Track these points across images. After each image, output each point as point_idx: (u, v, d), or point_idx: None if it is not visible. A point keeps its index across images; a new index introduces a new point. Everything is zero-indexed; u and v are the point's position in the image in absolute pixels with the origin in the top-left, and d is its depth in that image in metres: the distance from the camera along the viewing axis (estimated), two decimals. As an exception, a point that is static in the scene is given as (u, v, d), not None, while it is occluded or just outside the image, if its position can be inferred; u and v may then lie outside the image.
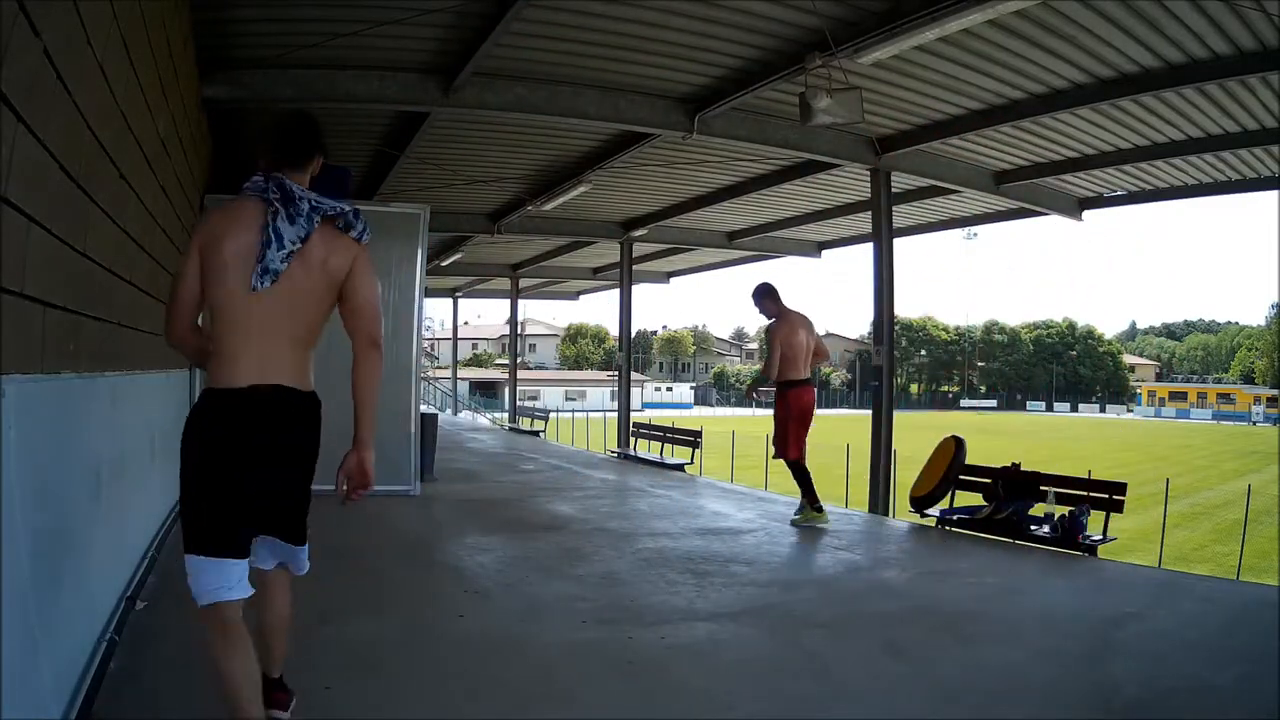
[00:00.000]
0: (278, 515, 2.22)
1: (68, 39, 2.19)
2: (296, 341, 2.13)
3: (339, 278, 2.16)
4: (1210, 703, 2.82)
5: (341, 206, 2.16)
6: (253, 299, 2.04)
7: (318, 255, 2.11)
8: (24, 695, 1.87)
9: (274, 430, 2.10)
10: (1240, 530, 10.04)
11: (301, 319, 2.13)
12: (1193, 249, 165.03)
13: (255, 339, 2.06)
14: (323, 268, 2.12)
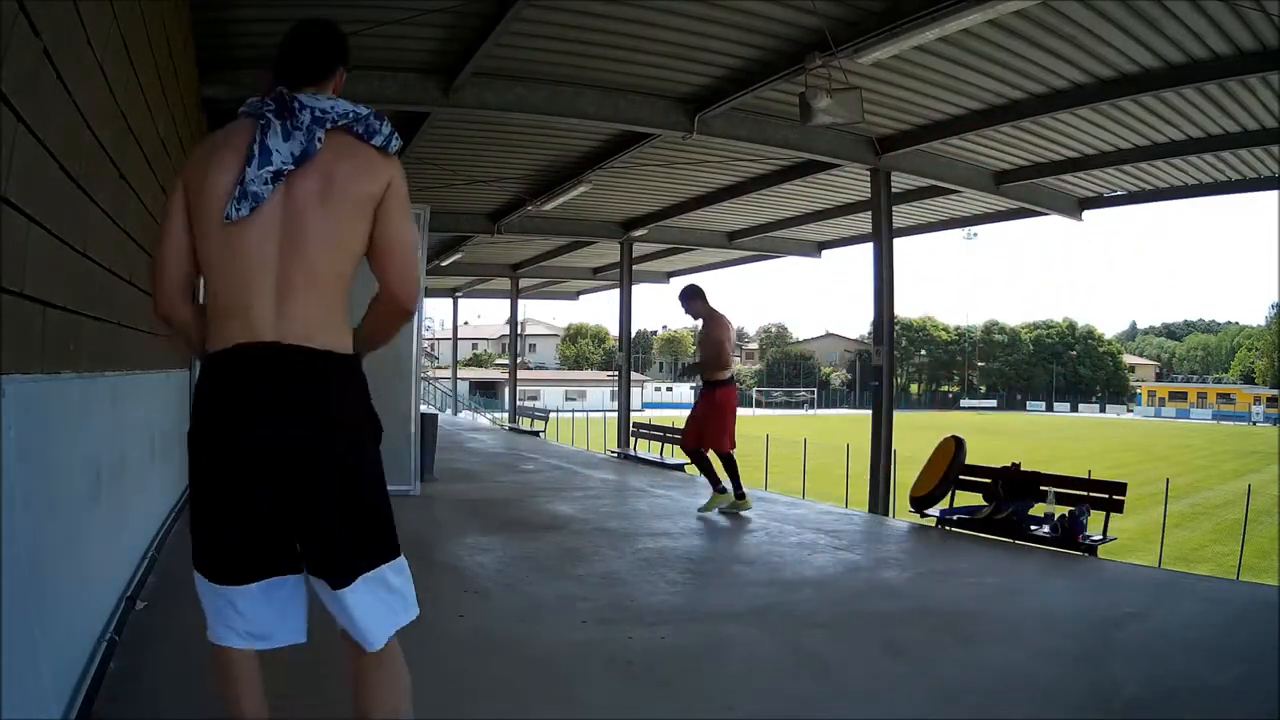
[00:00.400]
0: (304, 535, 1.64)
1: (68, 39, 2.19)
2: (310, 288, 1.59)
3: (368, 204, 1.63)
4: (1210, 703, 2.81)
5: (358, 110, 1.66)
6: (233, 233, 1.57)
7: (335, 176, 1.61)
8: (24, 695, 1.87)
9: (276, 404, 1.56)
10: (1240, 530, 10.05)
11: (313, 258, 1.60)
12: (1193, 249, 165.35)
13: (249, 285, 1.57)
14: (342, 192, 1.61)
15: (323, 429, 1.60)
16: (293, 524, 1.64)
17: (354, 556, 1.68)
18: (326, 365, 1.61)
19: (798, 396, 64.24)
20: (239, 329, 1.58)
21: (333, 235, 1.62)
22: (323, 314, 1.62)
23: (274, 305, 1.58)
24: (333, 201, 1.61)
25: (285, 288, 1.59)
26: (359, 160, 1.65)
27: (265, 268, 1.58)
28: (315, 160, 1.61)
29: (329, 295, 1.63)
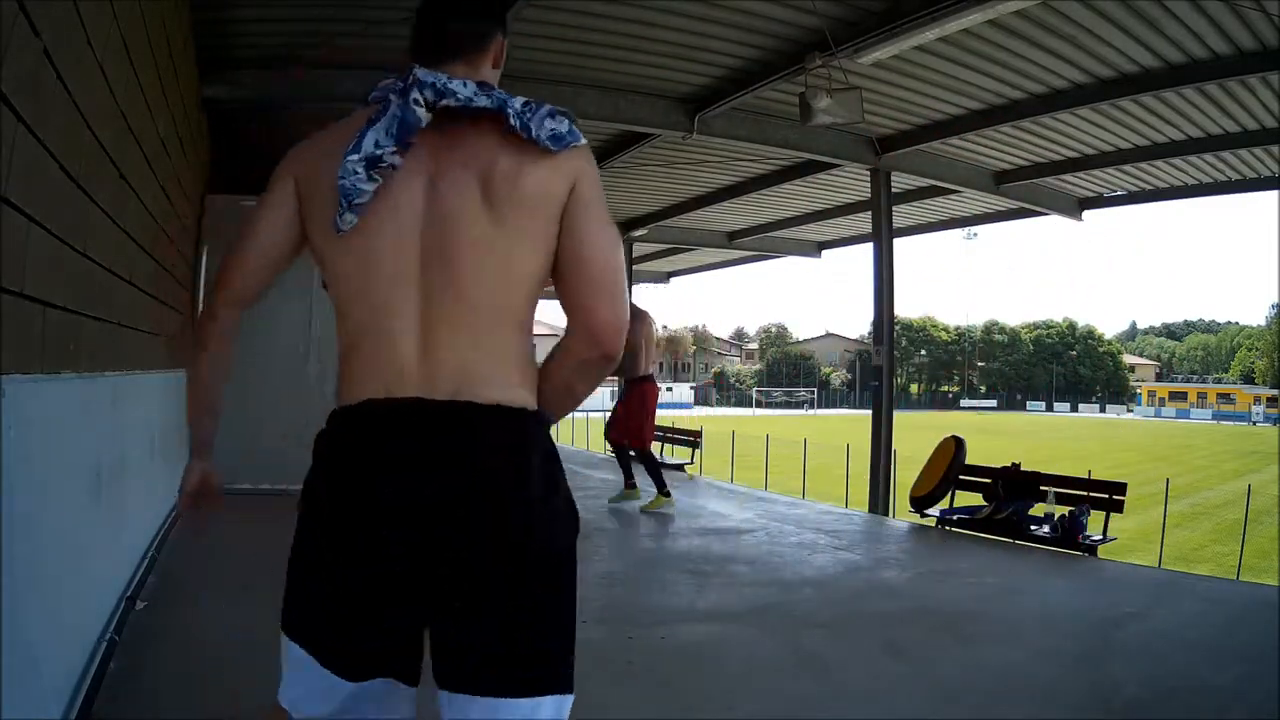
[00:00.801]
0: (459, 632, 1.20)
1: (68, 39, 2.19)
2: (468, 323, 1.17)
3: (545, 208, 1.19)
4: (1210, 703, 2.81)
5: (505, 97, 1.26)
6: (355, 247, 1.19)
7: (497, 171, 1.19)
8: (24, 695, 1.87)
9: (418, 484, 1.14)
10: (1240, 530, 10.04)
11: (470, 284, 1.17)
12: (1193, 249, 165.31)
13: (381, 320, 1.19)
14: (507, 192, 1.18)
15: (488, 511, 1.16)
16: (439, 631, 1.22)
17: (532, 668, 1.29)
18: (493, 425, 1.16)
19: (798, 396, 64.25)
20: (374, 377, 1.18)
21: (496, 252, 1.18)
22: (487, 356, 1.18)
23: (418, 347, 1.17)
24: (496, 205, 1.18)
25: (433, 322, 1.17)
26: (531, 152, 1.21)
27: (403, 294, 1.17)
28: (470, 146, 1.21)
29: (496, 331, 1.19)
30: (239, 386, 5.79)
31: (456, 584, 1.17)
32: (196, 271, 6.34)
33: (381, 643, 1.23)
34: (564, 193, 1.21)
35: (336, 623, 1.26)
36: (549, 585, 1.31)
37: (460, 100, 1.21)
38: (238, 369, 5.01)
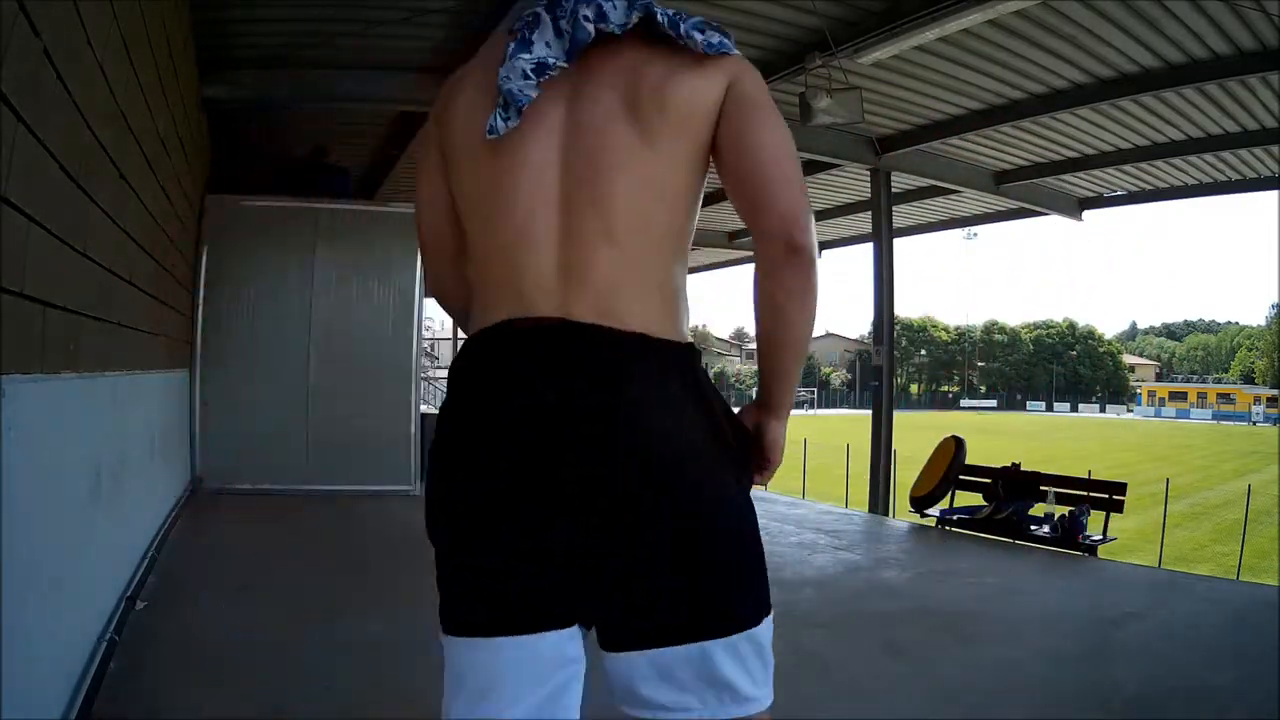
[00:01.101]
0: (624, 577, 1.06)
1: (68, 39, 2.19)
2: (611, 241, 1.08)
3: (698, 117, 1.10)
4: (1210, 703, 2.81)
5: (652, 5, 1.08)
6: (496, 166, 1.11)
7: (645, 79, 1.08)
8: (24, 695, 1.87)
9: (563, 411, 1.03)
10: (1240, 530, 10.04)
11: (613, 199, 1.08)
12: (1193, 249, 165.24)
13: (520, 238, 1.09)
14: (655, 99, 1.08)
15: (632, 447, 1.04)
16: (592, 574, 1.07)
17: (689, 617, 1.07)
18: (636, 354, 1.06)
19: (798, 397, 64.20)
20: (508, 299, 1.09)
21: (643, 168, 1.09)
22: (633, 279, 1.08)
23: (557, 266, 1.07)
24: (642, 114, 1.08)
25: (574, 241, 1.08)
26: (680, 58, 1.09)
27: (542, 213, 1.09)
28: (611, 63, 1.09)
29: (643, 253, 1.10)
30: (239, 386, 5.84)
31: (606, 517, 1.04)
32: (196, 271, 6.34)
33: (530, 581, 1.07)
34: (718, 99, 1.10)
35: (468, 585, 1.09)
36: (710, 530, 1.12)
37: (614, 27, 1.07)
38: (237, 369, 5.11)
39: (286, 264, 6.67)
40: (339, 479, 6.57)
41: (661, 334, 1.08)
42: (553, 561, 1.06)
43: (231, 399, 6.41)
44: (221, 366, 6.43)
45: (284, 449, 6.53)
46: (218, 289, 6.47)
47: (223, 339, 6.46)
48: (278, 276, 6.65)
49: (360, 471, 6.65)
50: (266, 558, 4.61)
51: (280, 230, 6.70)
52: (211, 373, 6.39)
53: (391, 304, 6.84)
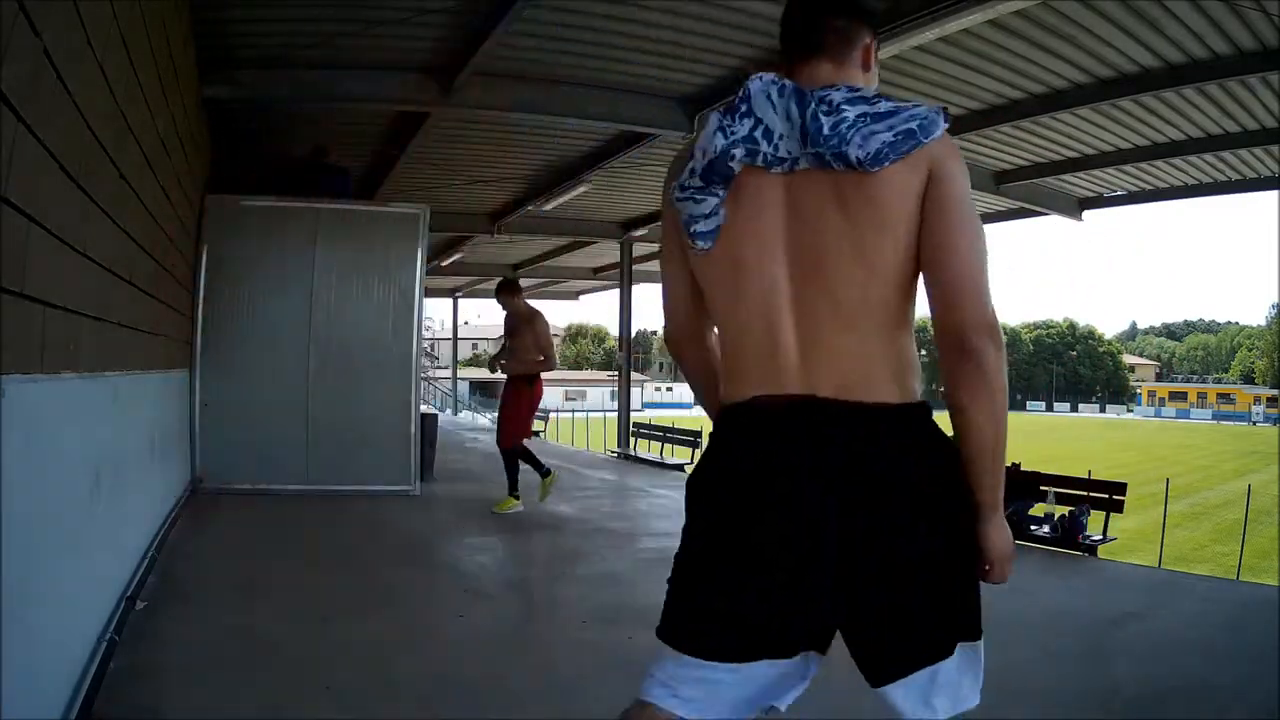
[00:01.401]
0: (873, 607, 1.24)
1: (68, 39, 2.19)
2: (845, 321, 1.23)
3: (902, 206, 1.22)
4: (1210, 703, 2.82)
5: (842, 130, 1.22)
6: (722, 255, 1.27)
7: (851, 175, 1.21)
8: (24, 695, 1.87)
9: (812, 471, 1.20)
10: (1240, 530, 10.04)
11: (834, 283, 1.22)
12: (1193, 249, 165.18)
13: (759, 322, 1.26)
14: (861, 194, 1.21)
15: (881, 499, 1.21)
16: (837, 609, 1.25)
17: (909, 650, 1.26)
18: (877, 422, 1.22)
19: (798, 396, 64.14)
20: (756, 377, 1.26)
21: (859, 253, 1.21)
22: (864, 354, 1.23)
23: (797, 348, 1.23)
24: (849, 206, 1.21)
25: (809, 325, 1.23)
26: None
27: (777, 303, 1.24)
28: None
29: (871, 330, 1.23)
30: (239, 387, 5.85)
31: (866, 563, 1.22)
32: (196, 271, 6.34)
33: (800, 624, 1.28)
34: (919, 189, 1.22)
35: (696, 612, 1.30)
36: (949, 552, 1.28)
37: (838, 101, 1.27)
38: (237, 369, 5.12)
39: (286, 264, 6.66)
40: (339, 479, 6.57)
41: (895, 399, 1.24)
42: (802, 599, 1.24)
43: (231, 399, 6.41)
44: (221, 366, 6.42)
45: (284, 449, 6.53)
46: (218, 289, 6.46)
47: (223, 339, 6.46)
48: (278, 277, 6.65)
49: (360, 471, 6.65)
50: (266, 558, 4.61)
51: (280, 230, 6.70)
52: (211, 373, 6.39)
53: (392, 304, 6.84)
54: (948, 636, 1.27)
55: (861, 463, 1.20)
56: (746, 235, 1.26)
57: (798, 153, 1.24)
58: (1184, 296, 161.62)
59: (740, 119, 1.26)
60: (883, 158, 1.20)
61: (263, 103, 6.47)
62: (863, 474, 1.20)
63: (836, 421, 1.21)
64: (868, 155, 1.20)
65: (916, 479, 1.23)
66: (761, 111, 1.25)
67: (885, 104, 1.27)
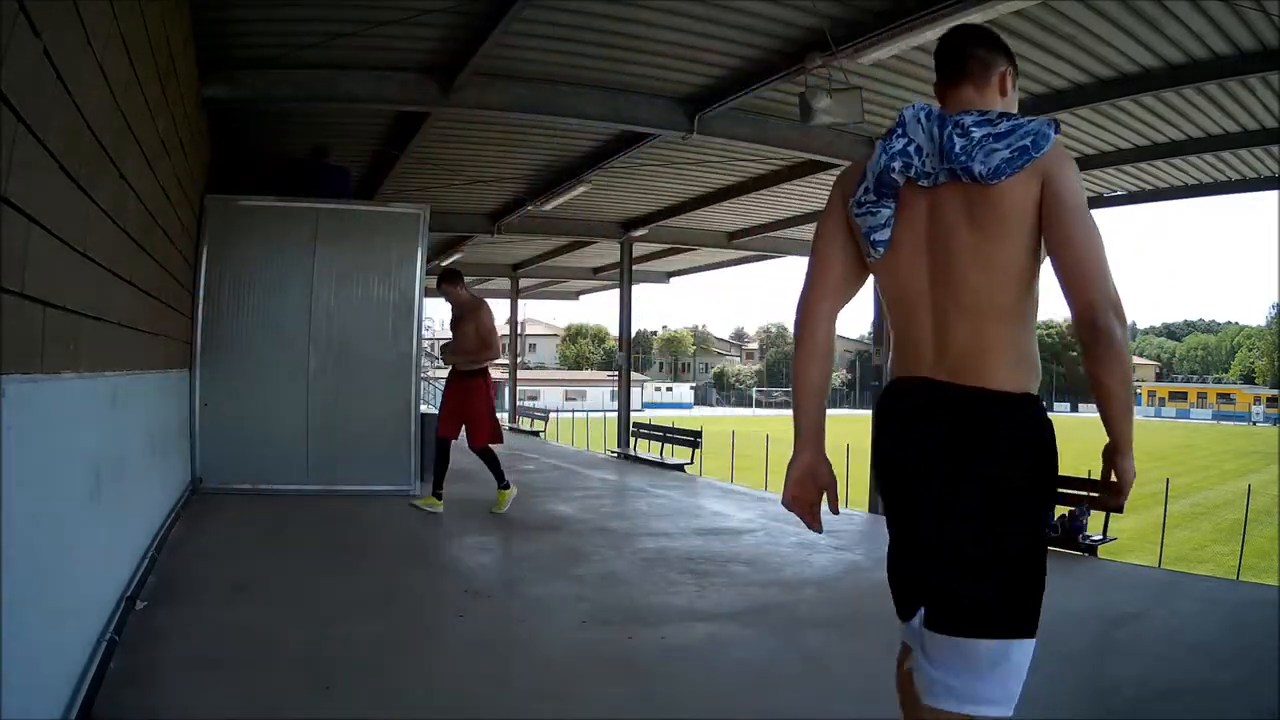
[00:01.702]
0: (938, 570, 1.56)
1: (67, 39, 2.19)
2: (966, 317, 1.51)
3: (1022, 216, 1.47)
4: (1210, 703, 2.82)
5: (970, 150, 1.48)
6: (885, 262, 1.60)
7: (976, 190, 1.49)
8: (24, 695, 1.87)
9: (930, 442, 1.52)
10: (1240, 530, 10.04)
11: (967, 290, 1.50)
12: (1193, 249, 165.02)
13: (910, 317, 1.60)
14: (986, 206, 1.48)
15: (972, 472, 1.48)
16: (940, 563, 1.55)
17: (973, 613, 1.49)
18: (979, 404, 1.48)
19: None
20: (904, 363, 1.61)
21: (981, 259, 1.48)
22: (979, 347, 1.49)
23: (933, 341, 1.54)
24: (978, 220, 1.48)
25: (941, 323, 1.53)
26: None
27: (921, 302, 1.55)
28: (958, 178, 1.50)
29: (986, 326, 1.50)
30: (239, 387, 5.87)
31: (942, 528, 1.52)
32: (196, 272, 6.34)
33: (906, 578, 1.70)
34: (1036, 197, 1.48)
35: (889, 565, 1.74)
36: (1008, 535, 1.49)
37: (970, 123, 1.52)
38: (237, 369, 5.14)
39: (286, 264, 6.66)
40: (339, 479, 6.57)
41: (1001, 387, 1.48)
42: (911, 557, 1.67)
43: (231, 399, 6.41)
44: (221, 366, 6.43)
45: (284, 449, 6.53)
46: (218, 289, 6.46)
47: (223, 339, 6.46)
48: (278, 277, 6.64)
49: (360, 471, 6.65)
50: (266, 558, 4.62)
51: (280, 230, 6.70)
52: (211, 373, 6.39)
53: (392, 304, 6.84)
54: (1003, 619, 1.47)
55: (958, 438, 1.49)
56: (904, 242, 1.56)
57: (938, 168, 1.51)
58: (1184, 296, 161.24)
59: (896, 139, 1.55)
60: (1000, 172, 1.46)
61: (263, 103, 6.47)
62: (957, 448, 1.49)
63: (945, 402, 1.50)
64: (989, 170, 1.47)
65: (1001, 462, 1.48)
66: (913, 133, 1.54)
67: (1005, 124, 1.51)
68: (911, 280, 1.55)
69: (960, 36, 1.70)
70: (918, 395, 1.54)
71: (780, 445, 13.82)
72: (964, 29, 1.73)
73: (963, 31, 1.72)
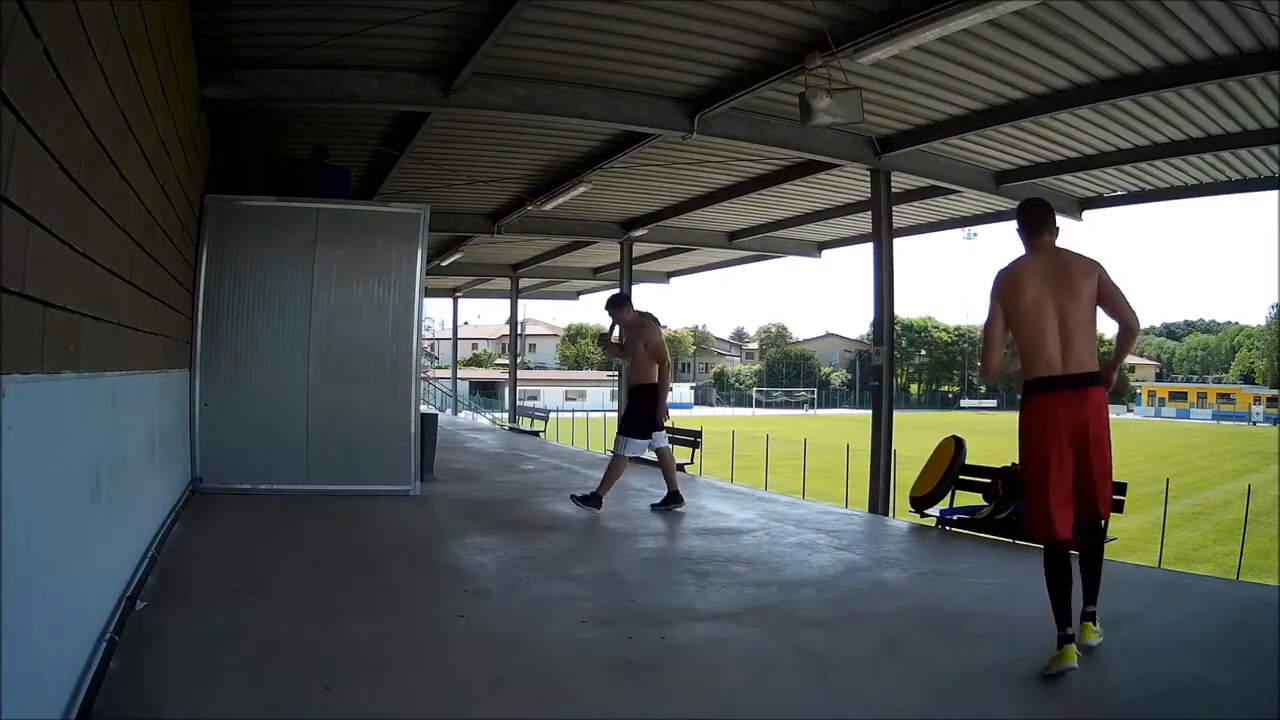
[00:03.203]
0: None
1: (68, 39, 2.19)
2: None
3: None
4: (1210, 703, 2.81)
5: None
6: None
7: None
8: (24, 695, 1.87)
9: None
10: (1240, 530, 10.03)
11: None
12: (1193, 249, 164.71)
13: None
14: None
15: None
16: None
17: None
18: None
19: (798, 397, 64.22)
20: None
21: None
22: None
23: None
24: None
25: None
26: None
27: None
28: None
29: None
30: (239, 387, 5.85)
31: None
32: (196, 271, 6.34)
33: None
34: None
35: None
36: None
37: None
38: (237, 369, 5.13)
39: (286, 264, 6.66)
40: (339, 479, 6.57)
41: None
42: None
43: (231, 399, 6.41)
44: (221, 366, 6.42)
45: (284, 449, 6.53)
46: (218, 289, 6.46)
47: (223, 339, 6.46)
48: (278, 277, 6.64)
49: (360, 471, 6.65)
50: (266, 558, 4.62)
51: (280, 230, 6.70)
52: (211, 373, 6.39)
53: (391, 304, 6.83)
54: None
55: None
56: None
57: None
58: (1184, 296, 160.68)
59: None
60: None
61: (263, 103, 6.47)
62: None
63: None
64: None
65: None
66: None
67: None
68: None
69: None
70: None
71: (780, 445, 13.81)
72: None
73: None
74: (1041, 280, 3.12)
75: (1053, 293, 3.09)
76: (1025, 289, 3.13)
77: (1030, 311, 3.11)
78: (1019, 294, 3.14)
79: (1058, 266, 3.12)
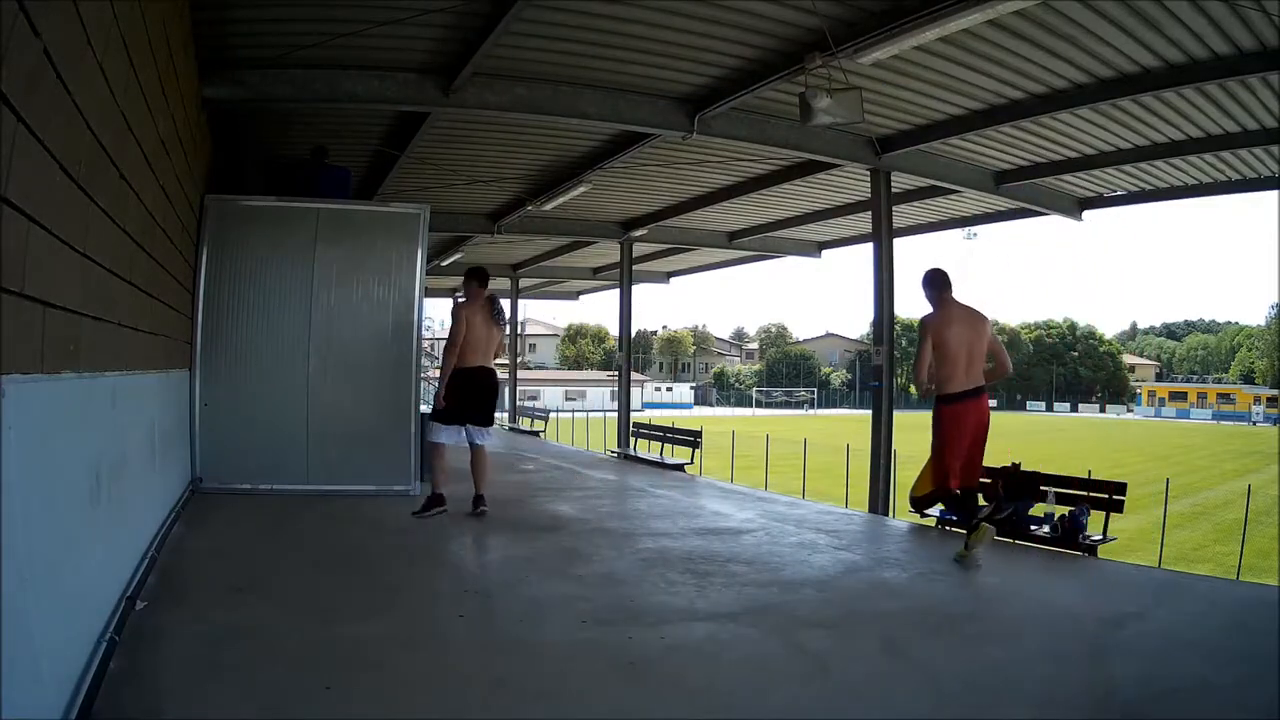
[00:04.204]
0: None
1: (68, 39, 2.19)
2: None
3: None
4: (1210, 703, 2.82)
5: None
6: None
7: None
8: (24, 695, 1.87)
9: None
10: (1240, 530, 10.04)
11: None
12: (1193, 249, 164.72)
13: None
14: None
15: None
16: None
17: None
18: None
19: (798, 397, 64.24)
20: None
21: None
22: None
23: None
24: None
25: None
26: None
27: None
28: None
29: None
30: (239, 387, 5.86)
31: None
32: (196, 271, 6.34)
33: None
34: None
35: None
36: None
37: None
38: (237, 369, 5.14)
39: (286, 264, 6.66)
40: (339, 479, 6.57)
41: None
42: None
43: (231, 399, 6.41)
44: (221, 367, 6.42)
45: (284, 449, 6.53)
46: (218, 289, 6.46)
47: (223, 339, 6.46)
48: (277, 277, 6.64)
49: (360, 471, 6.65)
50: (266, 558, 4.62)
51: (280, 230, 6.70)
52: (211, 373, 6.39)
53: (392, 304, 6.83)
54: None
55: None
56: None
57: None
58: (1184, 296, 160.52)
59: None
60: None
61: (263, 103, 6.47)
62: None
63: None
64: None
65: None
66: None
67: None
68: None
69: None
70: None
71: (780, 445, 13.86)
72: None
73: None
74: (959, 324, 4.71)
75: (965, 333, 4.71)
76: (950, 330, 4.69)
77: (952, 345, 4.68)
78: (946, 333, 4.70)
79: (965, 314, 4.77)
